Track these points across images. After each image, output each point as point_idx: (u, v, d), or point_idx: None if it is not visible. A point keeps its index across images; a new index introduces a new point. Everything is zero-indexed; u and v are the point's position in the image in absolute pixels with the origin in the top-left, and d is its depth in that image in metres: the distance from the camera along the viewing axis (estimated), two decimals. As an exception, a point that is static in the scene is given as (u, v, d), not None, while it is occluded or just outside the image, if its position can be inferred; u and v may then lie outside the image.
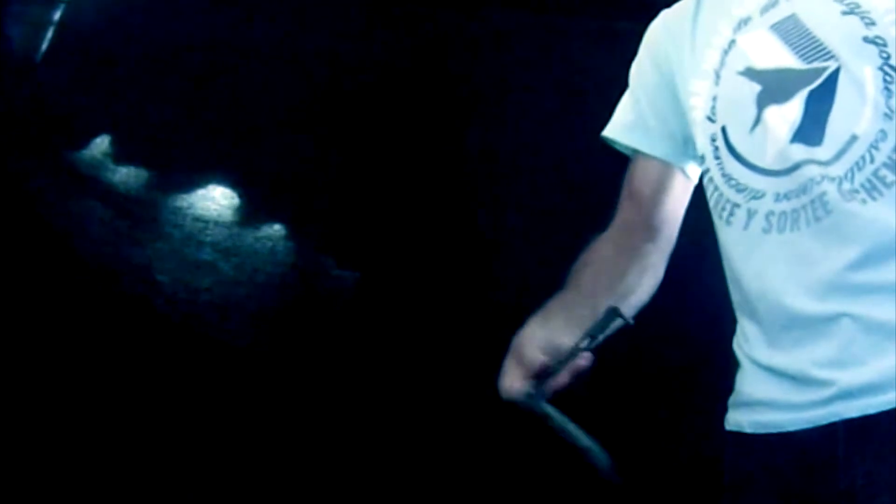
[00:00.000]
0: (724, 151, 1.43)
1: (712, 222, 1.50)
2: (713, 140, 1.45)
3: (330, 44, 3.15)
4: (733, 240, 1.43)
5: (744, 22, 1.45)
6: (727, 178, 1.42)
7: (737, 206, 1.41)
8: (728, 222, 1.42)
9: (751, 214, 1.39)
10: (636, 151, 1.62)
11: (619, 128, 1.65)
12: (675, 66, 1.55)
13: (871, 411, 1.26)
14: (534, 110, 3.13)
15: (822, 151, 1.32)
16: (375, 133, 3.12)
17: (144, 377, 2.93)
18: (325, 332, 3.07)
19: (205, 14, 3.11)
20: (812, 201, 1.32)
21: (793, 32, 1.39)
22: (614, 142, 1.65)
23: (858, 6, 1.34)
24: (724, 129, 1.44)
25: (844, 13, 1.35)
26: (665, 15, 1.63)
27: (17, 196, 3.00)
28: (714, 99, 1.46)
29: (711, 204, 1.47)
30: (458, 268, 3.10)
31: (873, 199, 1.29)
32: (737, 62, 1.43)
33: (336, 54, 3.15)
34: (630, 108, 1.64)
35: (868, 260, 1.28)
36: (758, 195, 1.38)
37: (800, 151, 1.34)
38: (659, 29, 1.63)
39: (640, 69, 1.64)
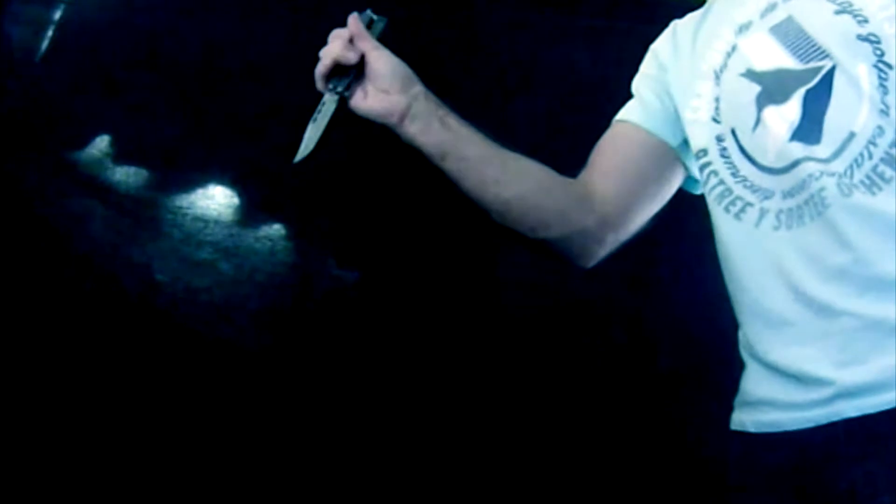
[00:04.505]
0: (734, 151, 1.44)
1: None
2: (720, 140, 1.47)
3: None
4: (741, 237, 1.44)
5: (745, 27, 1.48)
6: (740, 178, 1.43)
7: (749, 204, 1.42)
8: (738, 218, 1.43)
9: (763, 213, 1.40)
10: (624, 122, 1.66)
11: (621, 113, 1.69)
12: (673, 71, 1.59)
13: (872, 411, 1.26)
14: (534, 110, 3.12)
15: (821, 149, 1.33)
16: (376, 132, 3.11)
17: (144, 377, 2.93)
18: (326, 333, 3.06)
19: (205, 14, 3.11)
20: (811, 196, 1.33)
21: (790, 34, 1.40)
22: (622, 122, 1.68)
23: (851, 4, 1.36)
24: (733, 131, 1.45)
25: (837, 12, 1.36)
26: (675, 22, 1.68)
27: (16, 196, 3.00)
28: (717, 100, 1.48)
29: (716, 200, 1.48)
30: (459, 268, 3.10)
31: (872, 194, 1.30)
32: (738, 65, 1.46)
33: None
34: (634, 101, 1.68)
35: (867, 255, 1.29)
36: (769, 194, 1.40)
37: (798, 149, 1.35)
38: (667, 34, 1.68)
39: (644, 67, 1.69)
